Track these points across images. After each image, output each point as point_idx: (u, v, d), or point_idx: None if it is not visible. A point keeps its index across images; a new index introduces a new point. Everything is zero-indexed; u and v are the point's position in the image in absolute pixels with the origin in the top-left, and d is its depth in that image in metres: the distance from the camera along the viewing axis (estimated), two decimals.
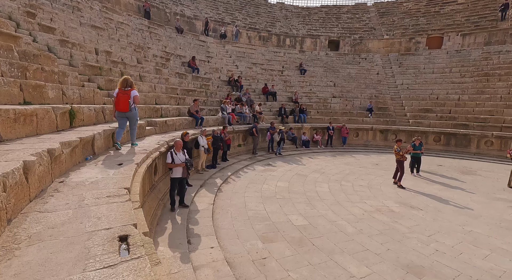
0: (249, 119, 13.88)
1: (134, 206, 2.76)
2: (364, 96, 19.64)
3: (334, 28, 28.51)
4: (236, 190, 7.65)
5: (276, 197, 7.10)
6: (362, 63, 23.47)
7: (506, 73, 17.80)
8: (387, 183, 8.88)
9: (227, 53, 21.35)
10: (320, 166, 11.10)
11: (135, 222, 2.26)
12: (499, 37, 21.08)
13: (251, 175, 9.26)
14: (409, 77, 20.93)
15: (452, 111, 17.00)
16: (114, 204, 2.61)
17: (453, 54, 21.61)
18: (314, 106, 18.20)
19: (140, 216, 2.61)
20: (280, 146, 13.05)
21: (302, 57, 23.62)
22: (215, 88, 15.68)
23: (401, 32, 25.97)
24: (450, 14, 26.07)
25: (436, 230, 5.44)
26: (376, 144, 16.62)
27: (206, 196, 6.97)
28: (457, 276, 3.89)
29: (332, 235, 5.06)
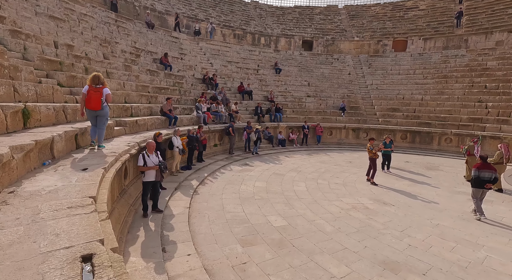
0: (225, 118, 13.63)
1: (101, 217, 2.47)
2: (337, 95, 20.24)
3: (307, 28, 29.05)
4: (213, 191, 7.41)
5: (254, 198, 6.99)
6: (334, 64, 24.18)
7: (462, 76, 19.35)
8: (360, 180, 9.17)
9: (201, 51, 20.82)
10: (297, 164, 11.19)
11: (101, 237, 1.99)
12: (455, 42, 22.85)
13: (228, 176, 9.06)
14: (378, 78, 21.96)
15: (416, 111, 18.10)
16: (77, 216, 2.30)
17: (416, 57, 23.03)
18: (289, 105, 18.38)
19: (108, 228, 2.33)
20: (257, 145, 12.97)
21: (277, 56, 23.75)
22: (189, 87, 15.19)
23: (370, 34, 27.16)
24: (413, 19, 27.76)
25: (407, 225, 5.68)
26: (349, 142, 17.20)
27: (181, 199, 6.66)
28: (429, 269, 4.06)
29: (312, 235, 5.06)
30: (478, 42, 21.77)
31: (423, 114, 17.61)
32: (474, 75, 18.92)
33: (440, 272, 4.01)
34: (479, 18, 24.02)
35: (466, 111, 16.67)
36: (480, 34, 21.92)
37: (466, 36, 22.44)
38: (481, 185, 6.28)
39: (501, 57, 19.27)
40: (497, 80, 17.62)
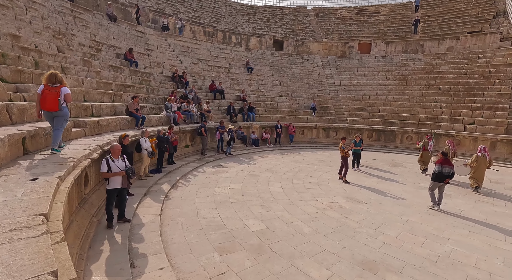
0: (196, 118, 13.13)
1: (54, 240, 2.08)
2: (308, 95, 20.66)
3: (278, 28, 29.30)
4: (186, 196, 7.02)
5: (230, 201, 6.74)
6: (304, 64, 24.67)
7: (419, 78, 20.86)
8: (333, 178, 9.37)
9: (169, 47, 19.90)
10: (271, 164, 11.14)
11: (54, 267, 1.63)
12: (413, 47, 24.60)
13: (202, 178, 8.69)
14: (346, 79, 22.85)
15: (381, 110, 19.14)
16: (22, 241, 1.89)
17: (380, 59, 24.38)
18: (262, 104, 18.33)
19: (64, 254, 1.95)
20: (230, 146, 12.69)
21: (248, 55, 23.58)
22: (158, 85, 14.39)
23: (337, 36, 28.19)
24: (376, 24, 29.35)
25: (380, 222, 5.86)
26: (319, 140, 17.63)
27: (151, 205, 6.19)
28: (404, 266, 4.18)
29: (290, 238, 4.97)
30: (432, 48, 23.65)
31: (387, 113, 18.67)
32: (429, 77, 20.49)
33: (414, 268, 4.14)
34: (432, 25, 26.12)
35: (424, 111, 18.00)
36: (434, 40, 23.83)
37: (422, 41, 24.27)
38: (441, 179, 6.73)
39: (452, 62, 21.11)
40: (449, 82, 19.28)
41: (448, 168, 6.75)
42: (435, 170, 6.89)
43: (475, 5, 26.50)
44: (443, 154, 7.14)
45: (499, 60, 19.15)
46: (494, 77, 18.14)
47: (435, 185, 6.89)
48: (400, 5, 31.82)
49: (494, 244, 5.03)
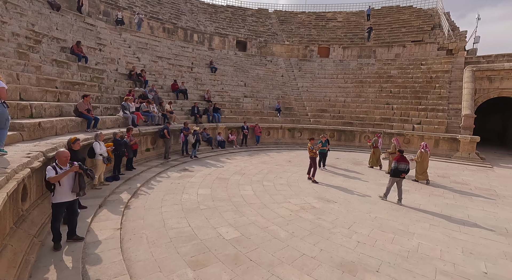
0: (158, 119, 12.25)
1: None
2: (272, 96, 20.84)
3: (241, 29, 29.15)
4: (150, 205, 6.37)
5: (199, 208, 6.29)
6: (268, 65, 24.89)
7: (373, 81, 22.45)
8: (302, 179, 9.43)
9: (125, 43, 18.39)
10: (239, 166, 10.85)
11: None
12: (367, 53, 26.43)
13: (167, 184, 8.04)
14: (308, 81, 23.60)
15: (340, 112, 20.13)
16: None
17: (338, 63, 25.71)
18: (227, 105, 17.94)
19: None
20: (195, 148, 12.09)
21: (211, 55, 22.99)
22: (112, 83, 13.11)
23: (298, 40, 29.06)
24: (333, 29, 30.96)
25: (352, 221, 5.97)
26: (285, 141, 17.86)
27: (109, 218, 5.46)
28: (380, 265, 4.24)
29: (267, 244, 4.75)
30: (383, 54, 25.67)
31: (346, 114, 19.70)
32: (382, 81, 22.18)
33: (389, 266, 4.23)
34: (382, 33, 28.42)
35: (378, 112, 19.37)
36: (384, 47, 25.90)
37: (374, 48, 26.21)
38: (398, 174, 7.26)
39: (400, 67, 23.14)
40: (399, 86, 21.07)
41: (404, 164, 7.31)
42: (393, 166, 7.40)
43: (417, 17, 29.54)
44: (399, 152, 7.67)
45: (438, 67, 21.52)
46: (435, 82, 20.32)
47: (393, 180, 7.41)
48: (354, 13, 34.05)
49: (451, 235, 5.43)
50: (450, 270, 4.18)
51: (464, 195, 8.41)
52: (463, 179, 10.62)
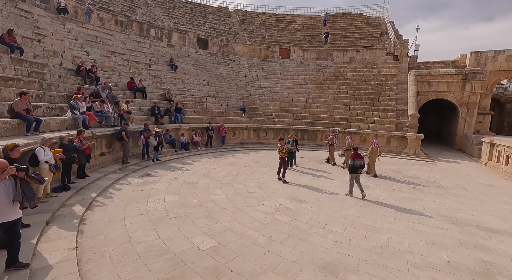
0: (114, 120, 11.16)
1: None
2: (236, 96, 20.61)
3: (201, 26, 28.32)
4: (110, 217, 5.69)
5: (169, 217, 5.81)
6: (231, 65, 24.57)
7: (332, 83, 23.66)
8: (272, 179, 9.43)
9: (70, 34, 16.43)
10: (207, 169, 10.43)
11: None
12: (324, 55, 27.77)
13: (128, 192, 7.31)
14: (271, 81, 23.88)
15: (303, 112, 20.78)
16: None
17: (299, 64, 26.53)
18: (190, 105, 17.20)
19: None
20: (158, 151, 11.29)
21: (171, 52, 21.85)
22: (57, 79, 11.57)
23: (260, 40, 29.31)
24: (293, 31, 31.91)
25: (326, 220, 6.09)
26: (251, 141, 17.79)
27: (60, 237, 4.71)
28: (358, 263, 4.36)
29: (247, 252, 4.55)
30: (339, 57, 27.23)
31: (308, 114, 20.41)
32: (339, 83, 23.49)
33: (367, 263, 4.37)
34: (338, 38, 30.18)
35: (337, 112, 20.46)
36: (340, 51, 27.47)
37: (331, 51, 27.66)
38: (355, 170, 7.82)
39: (354, 70, 24.78)
40: (354, 88, 22.54)
41: (359, 161, 7.92)
42: (350, 164, 7.95)
43: (367, 24, 32.00)
44: (354, 150, 8.20)
45: (387, 71, 23.55)
46: (385, 85, 22.19)
47: (353, 176, 7.97)
48: (311, 17, 35.55)
49: (414, 227, 5.88)
50: (419, 261, 4.47)
51: (417, 188, 9.25)
52: (413, 173, 11.72)
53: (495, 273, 4.21)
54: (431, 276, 4.03)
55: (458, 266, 4.37)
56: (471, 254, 4.81)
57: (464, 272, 4.21)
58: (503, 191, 9.52)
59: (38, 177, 3.90)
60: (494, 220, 6.54)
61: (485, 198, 8.42)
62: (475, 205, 7.65)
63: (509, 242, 5.37)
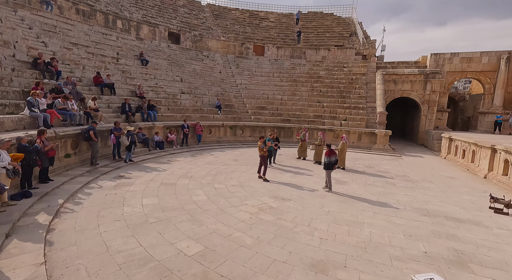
0: (79, 118, 10.29)
1: None
2: (212, 93, 20.17)
3: (172, 19, 27.21)
4: (82, 225, 5.21)
5: (149, 222, 5.48)
6: (205, 61, 23.95)
7: (306, 81, 24.14)
8: (253, 178, 9.36)
9: (23, 23, 14.80)
10: (185, 169, 10.07)
11: None
12: (298, 53, 28.20)
13: (100, 196, 6.77)
14: (246, 78, 23.72)
15: (279, 109, 20.95)
16: None
17: (273, 62, 26.66)
18: (163, 102, 16.45)
19: None
20: (131, 151, 10.64)
21: (141, 46, 20.70)
22: (9, 72, 10.36)
23: (234, 36, 28.92)
24: (266, 29, 31.94)
25: (310, 217, 6.17)
26: (227, 139, 17.54)
27: (24, 251, 4.21)
28: (345, 260, 4.46)
29: (236, 255, 4.44)
30: (312, 55, 27.82)
31: (284, 112, 20.63)
32: (313, 81, 24.04)
33: (353, 259, 4.48)
34: (310, 36, 30.81)
35: (312, 110, 20.93)
36: (313, 49, 28.08)
37: (304, 49, 28.17)
38: (331, 167, 8.16)
39: (327, 69, 25.51)
40: (327, 86, 23.21)
41: (334, 157, 8.24)
42: (325, 161, 8.22)
43: (337, 24, 33.06)
44: (328, 147, 8.47)
45: (357, 70, 24.58)
46: (355, 83, 23.15)
47: (328, 172, 8.27)
48: (284, 15, 35.86)
49: (392, 221, 6.18)
50: (400, 254, 4.70)
51: (389, 182, 9.78)
52: (384, 168, 12.38)
53: (466, 261, 4.57)
54: (412, 268, 4.25)
55: (435, 256, 4.66)
56: (444, 243, 5.17)
57: (440, 261, 4.50)
58: (462, 182, 10.44)
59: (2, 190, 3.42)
60: (458, 210, 7.13)
61: (448, 190, 9.15)
62: (441, 197, 8.27)
63: (474, 230, 5.87)
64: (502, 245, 5.20)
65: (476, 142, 12.59)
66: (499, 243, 5.25)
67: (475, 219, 6.48)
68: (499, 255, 4.80)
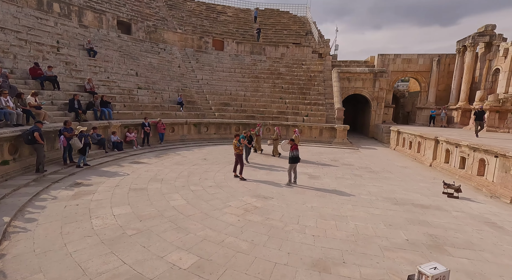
0: (17, 118, 8.67)
1: None
2: (172, 89, 18.99)
3: (121, 7, 24.74)
4: (43, 246, 4.36)
5: (127, 234, 4.85)
6: (162, 54, 22.39)
7: (267, 77, 24.35)
8: (229, 177, 9.06)
9: None
10: (153, 171, 9.27)
11: None
12: (258, 49, 28.23)
13: (57, 209, 5.79)
14: (207, 74, 22.90)
15: (242, 105, 20.76)
16: None
17: (234, 57, 26.25)
18: (118, 98, 14.90)
19: None
20: (85, 154, 9.37)
21: (86, 34, 18.36)
22: None
23: (192, 29, 27.63)
24: (225, 23, 31.24)
25: (296, 215, 6.18)
26: (191, 137, 16.75)
27: None
28: (342, 255, 4.54)
29: (234, 262, 4.19)
30: (271, 52, 28.14)
31: (248, 108, 20.51)
32: (274, 77, 24.37)
33: (349, 254, 4.61)
34: (269, 33, 31.09)
35: (275, 106, 21.23)
36: (272, 46, 28.41)
37: (264, 46, 28.32)
38: (296, 161, 8.36)
39: (287, 65, 26.11)
40: (288, 82, 23.77)
41: (297, 151, 8.42)
42: (290, 155, 8.39)
43: (294, 22, 34.00)
44: (292, 141, 8.74)
45: (315, 68, 25.69)
46: (314, 80, 24.18)
47: (292, 166, 8.46)
48: (242, 10, 35.51)
49: (370, 212, 6.56)
50: (387, 244, 5.00)
51: (356, 174, 10.43)
52: (348, 160, 13.20)
53: (441, 244, 5.07)
54: (402, 257, 4.55)
55: (416, 243, 5.07)
56: (419, 229, 5.67)
57: (422, 247, 4.92)
58: (414, 171, 11.70)
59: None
60: (420, 197, 7.94)
61: (406, 178, 10.16)
62: (403, 186, 9.12)
63: (438, 215, 6.58)
64: (463, 226, 5.93)
65: (421, 134, 14.24)
66: (460, 225, 5.98)
67: (435, 204, 7.29)
68: (464, 235, 5.45)
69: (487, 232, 5.65)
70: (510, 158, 7.98)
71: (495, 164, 8.81)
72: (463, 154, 10.65)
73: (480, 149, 9.53)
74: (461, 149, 10.78)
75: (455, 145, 11.24)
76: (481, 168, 9.66)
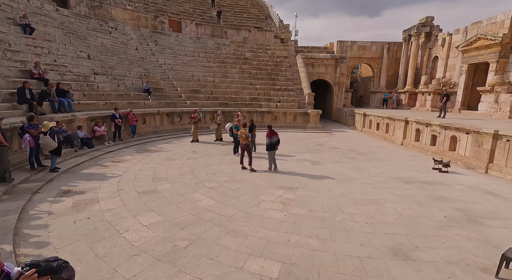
0: None
1: None
2: (133, 75, 16.77)
3: None
4: (87, 276, 3.38)
5: (180, 247, 4.08)
6: (114, 34, 19.42)
7: (233, 62, 23.41)
8: (236, 169, 8.51)
9: None
10: (148, 170, 8.10)
11: None
12: (219, 33, 26.80)
13: (67, 227, 4.57)
14: (169, 58, 20.84)
15: (213, 92, 19.65)
16: None
17: (195, 40, 24.41)
18: (74, 86, 12.48)
19: None
20: (60, 155, 7.64)
21: (13, 5, 14.64)
22: None
23: (143, 7, 24.62)
24: (180, 2, 28.59)
25: (334, 203, 6.08)
26: (165, 128, 15.24)
27: None
28: (409, 240, 4.55)
29: (319, 263, 3.86)
30: (233, 36, 27.03)
31: (220, 95, 19.52)
32: (241, 62, 23.58)
33: (413, 237, 4.67)
34: (228, 15, 29.70)
35: (246, 92, 20.66)
36: (234, 29, 27.27)
37: (225, 29, 26.99)
38: (273, 147, 8.25)
39: (252, 50, 25.46)
40: (255, 68, 23.29)
41: (275, 137, 8.31)
42: (267, 142, 8.26)
43: (252, 5, 33.07)
44: (269, 128, 8.54)
45: (279, 53, 25.66)
46: (280, 66, 24.19)
47: (270, 153, 8.31)
48: None
49: (393, 193, 6.85)
50: (433, 223, 5.28)
51: (350, 157, 10.88)
52: (332, 144, 13.72)
53: (474, 217, 5.58)
54: (456, 234, 4.83)
55: (455, 218, 5.47)
56: (444, 205, 6.17)
57: (462, 222, 5.32)
58: (392, 150, 12.81)
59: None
60: (419, 174, 8.69)
61: (393, 158, 11.04)
62: (397, 165, 9.87)
63: (446, 189, 7.26)
64: (473, 198, 6.68)
65: (390, 116, 15.61)
66: (470, 197, 6.74)
67: (437, 180, 8.08)
68: (482, 206, 6.15)
69: (494, 201, 6.49)
70: (482, 134, 9.28)
71: (466, 140, 10.17)
72: (434, 132, 12.04)
73: (452, 127, 10.86)
74: (431, 128, 12.15)
75: (425, 124, 12.61)
76: (452, 144, 11.08)
